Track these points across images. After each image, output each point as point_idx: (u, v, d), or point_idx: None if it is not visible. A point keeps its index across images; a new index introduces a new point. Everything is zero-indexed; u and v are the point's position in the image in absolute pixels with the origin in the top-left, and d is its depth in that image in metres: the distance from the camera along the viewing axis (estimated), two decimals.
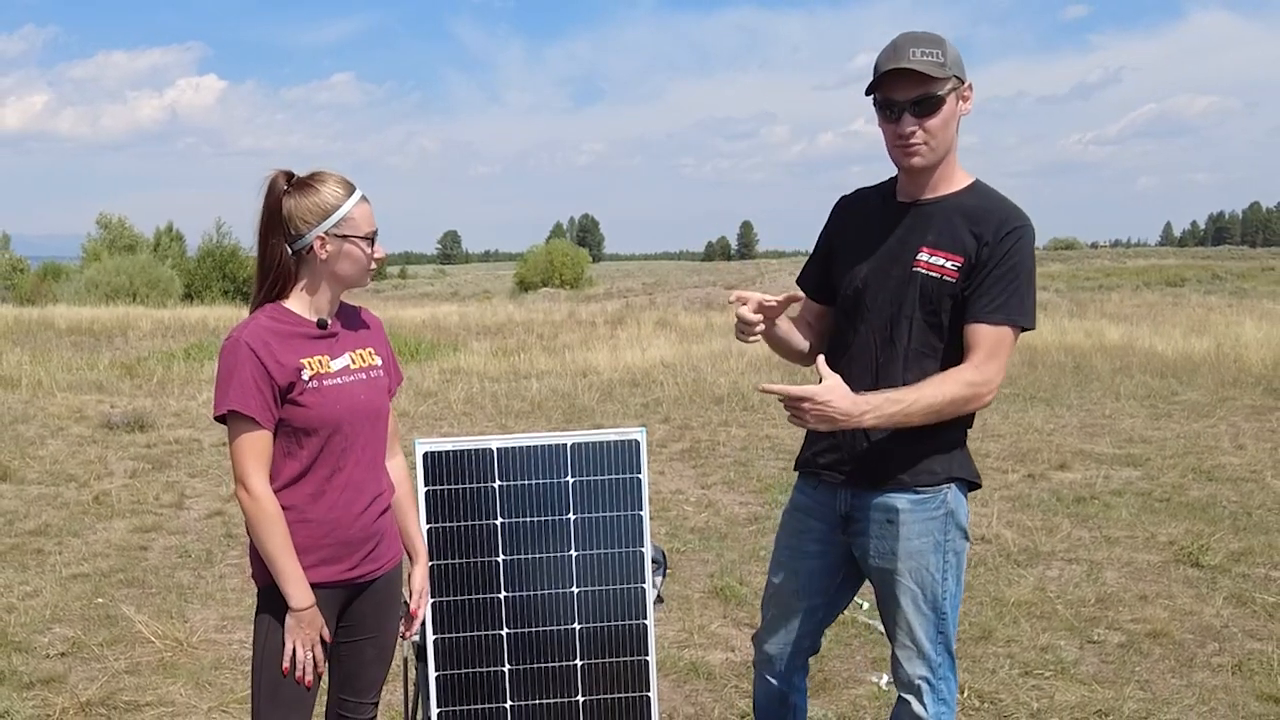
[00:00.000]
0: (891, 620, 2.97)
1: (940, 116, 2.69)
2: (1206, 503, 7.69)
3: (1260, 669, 4.71)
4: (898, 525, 2.84)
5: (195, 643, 5.09)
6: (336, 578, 2.69)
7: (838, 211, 3.08)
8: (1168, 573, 6.12)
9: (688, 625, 5.35)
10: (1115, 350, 16.70)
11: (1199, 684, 4.60)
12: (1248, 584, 5.88)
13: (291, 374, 2.58)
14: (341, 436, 2.66)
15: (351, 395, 2.67)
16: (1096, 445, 9.89)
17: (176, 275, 47.84)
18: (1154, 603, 5.60)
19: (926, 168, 2.77)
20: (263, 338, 2.57)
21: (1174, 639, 5.10)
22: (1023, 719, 4.28)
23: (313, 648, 2.65)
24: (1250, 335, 18.24)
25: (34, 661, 4.84)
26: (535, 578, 3.14)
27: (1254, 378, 13.91)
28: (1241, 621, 5.33)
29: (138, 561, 6.40)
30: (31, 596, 5.72)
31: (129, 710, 4.38)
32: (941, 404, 2.70)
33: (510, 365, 16.44)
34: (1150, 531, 6.96)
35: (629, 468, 3.18)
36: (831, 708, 4.34)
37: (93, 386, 13.85)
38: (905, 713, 2.99)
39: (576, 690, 3.18)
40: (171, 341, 20.59)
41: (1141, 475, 8.65)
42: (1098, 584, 5.91)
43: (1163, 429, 10.69)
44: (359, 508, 2.70)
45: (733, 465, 9.19)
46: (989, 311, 2.73)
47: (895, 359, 2.81)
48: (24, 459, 9.16)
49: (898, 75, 2.66)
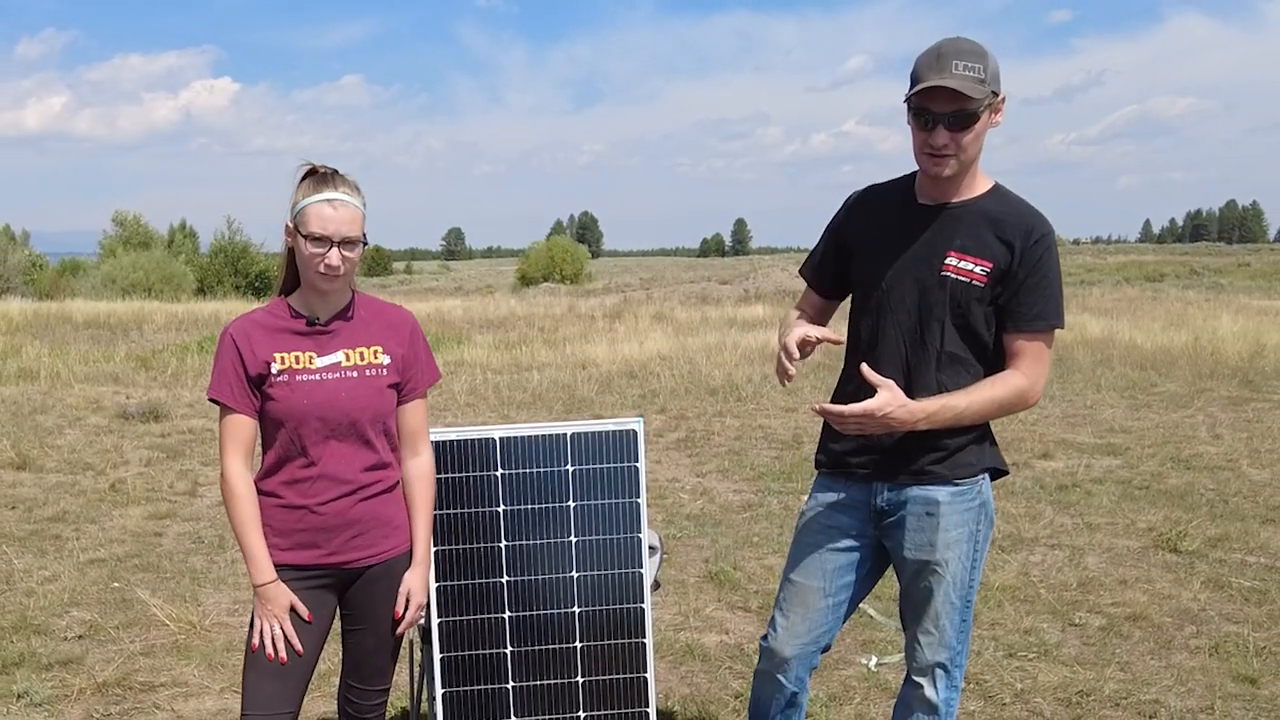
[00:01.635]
0: (917, 608, 2.92)
1: (974, 131, 2.64)
2: (1184, 490, 7.70)
3: (1236, 651, 4.71)
4: (938, 517, 2.81)
5: (208, 626, 5.08)
6: (314, 561, 2.70)
7: (853, 208, 3.00)
8: (1147, 558, 6.12)
9: (683, 609, 5.35)
10: (1096, 343, 16.69)
11: (1177, 665, 4.61)
12: (1224, 569, 5.88)
13: (261, 366, 2.64)
14: (312, 430, 2.65)
15: (329, 391, 2.66)
16: (1078, 435, 9.90)
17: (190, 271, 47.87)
18: (1134, 587, 5.61)
19: (953, 177, 2.73)
20: (246, 330, 2.67)
21: (1153, 622, 5.10)
22: (1007, 699, 4.28)
23: (280, 624, 2.66)
24: (1227, 329, 18.25)
25: (52, 643, 4.84)
26: (536, 563, 3.14)
27: (1230, 370, 13.92)
28: (1218, 605, 5.34)
29: (152, 547, 6.40)
30: (50, 581, 5.71)
31: (144, 690, 4.38)
32: (993, 409, 2.74)
33: (512, 358, 16.43)
34: (1130, 518, 6.97)
35: (627, 457, 3.17)
36: (822, 688, 4.34)
37: (109, 378, 13.84)
38: (916, 697, 2.96)
39: (576, 671, 3.17)
40: (185, 335, 20.56)
41: (1122, 464, 8.65)
42: (1079, 569, 5.92)
43: (1142, 419, 10.69)
44: (332, 496, 2.69)
45: (727, 454, 9.18)
46: (1030, 320, 2.73)
47: (928, 361, 2.78)
48: (43, 448, 9.15)
49: (937, 89, 2.58)
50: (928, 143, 2.66)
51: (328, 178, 2.64)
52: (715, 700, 4.30)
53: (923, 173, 2.77)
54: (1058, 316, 2.75)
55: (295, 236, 2.63)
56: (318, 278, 2.62)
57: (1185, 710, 4.16)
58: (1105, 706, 4.21)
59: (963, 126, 2.62)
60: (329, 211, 2.58)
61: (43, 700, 4.25)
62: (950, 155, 2.65)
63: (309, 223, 2.58)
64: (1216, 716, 4.11)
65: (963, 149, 2.65)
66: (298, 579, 2.69)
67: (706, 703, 4.27)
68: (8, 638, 4.87)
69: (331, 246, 2.58)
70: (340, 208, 2.60)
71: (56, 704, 4.24)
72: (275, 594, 2.65)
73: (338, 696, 2.96)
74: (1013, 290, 2.72)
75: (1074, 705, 4.22)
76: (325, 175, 2.65)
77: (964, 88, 2.55)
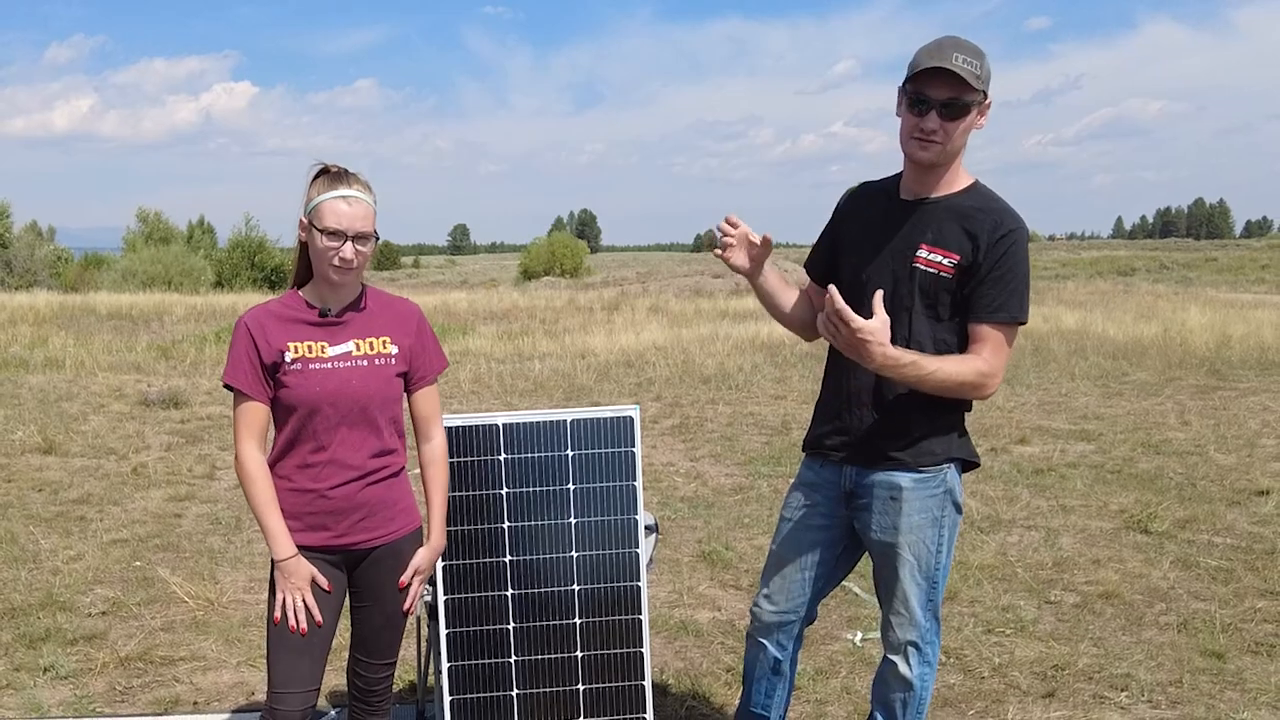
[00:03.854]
0: (887, 588, 2.94)
1: (963, 123, 2.65)
2: (1154, 474, 7.70)
3: (1204, 627, 4.72)
4: (901, 502, 2.82)
5: (225, 603, 5.08)
6: (324, 542, 2.70)
7: (845, 204, 3.02)
8: (1119, 539, 6.12)
9: (677, 587, 5.35)
10: (1071, 334, 16.69)
11: (1147, 641, 4.61)
12: (1192, 549, 5.88)
13: (275, 355, 2.63)
14: (323, 417, 2.64)
15: (340, 380, 2.65)
16: (1053, 421, 9.90)
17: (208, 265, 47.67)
18: (1106, 566, 5.61)
19: (934, 165, 2.72)
20: (261, 320, 2.65)
21: (1124, 599, 5.10)
22: (985, 673, 4.28)
23: (302, 596, 2.65)
24: (1195, 320, 18.26)
25: (77, 620, 4.83)
26: (538, 543, 3.13)
27: (1198, 359, 13.92)
28: (1187, 584, 5.34)
29: (172, 528, 6.39)
30: (75, 560, 5.70)
31: (164, 664, 4.37)
32: (955, 383, 2.69)
33: (515, 348, 16.41)
34: (1103, 501, 6.97)
35: (624, 442, 3.16)
36: (810, 662, 4.34)
37: (131, 367, 13.81)
38: (891, 672, 2.99)
39: (575, 646, 3.17)
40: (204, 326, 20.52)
41: (1095, 449, 8.65)
42: (1054, 549, 5.92)
43: (1114, 406, 10.69)
44: (340, 481, 2.68)
45: (719, 440, 9.17)
46: (991, 311, 2.72)
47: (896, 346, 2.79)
48: (68, 434, 9.13)
49: (937, 73, 2.60)
50: (918, 126, 2.66)
51: (342, 176, 2.63)
52: (708, 673, 4.30)
53: (907, 158, 2.78)
54: (1020, 311, 2.73)
55: (310, 231, 2.62)
56: (332, 270, 2.61)
57: (1155, 683, 4.16)
58: (1079, 680, 4.21)
59: (954, 116, 2.63)
60: (344, 208, 2.59)
61: (68, 673, 4.25)
62: (937, 142, 2.66)
63: (324, 218, 2.58)
64: (1185, 689, 4.11)
65: (949, 138, 2.65)
66: (309, 559, 2.69)
67: (699, 676, 4.27)
68: (35, 614, 4.86)
69: (345, 241, 2.58)
70: (354, 204, 2.60)
71: (81, 677, 4.24)
72: (297, 567, 2.64)
73: (347, 669, 2.95)
74: (976, 282, 2.72)
75: (1049, 679, 4.22)
76: (339, 173, 2.64)
77: (963, 74, 2.58)
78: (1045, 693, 4.10)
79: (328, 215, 2.58)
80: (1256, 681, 4.17)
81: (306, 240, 2.65)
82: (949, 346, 2.78)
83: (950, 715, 3.93)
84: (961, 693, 4.10)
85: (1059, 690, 4.12)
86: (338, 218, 2.58)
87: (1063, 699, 4.05)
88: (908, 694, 3.00)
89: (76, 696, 4.06)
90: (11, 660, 4.36)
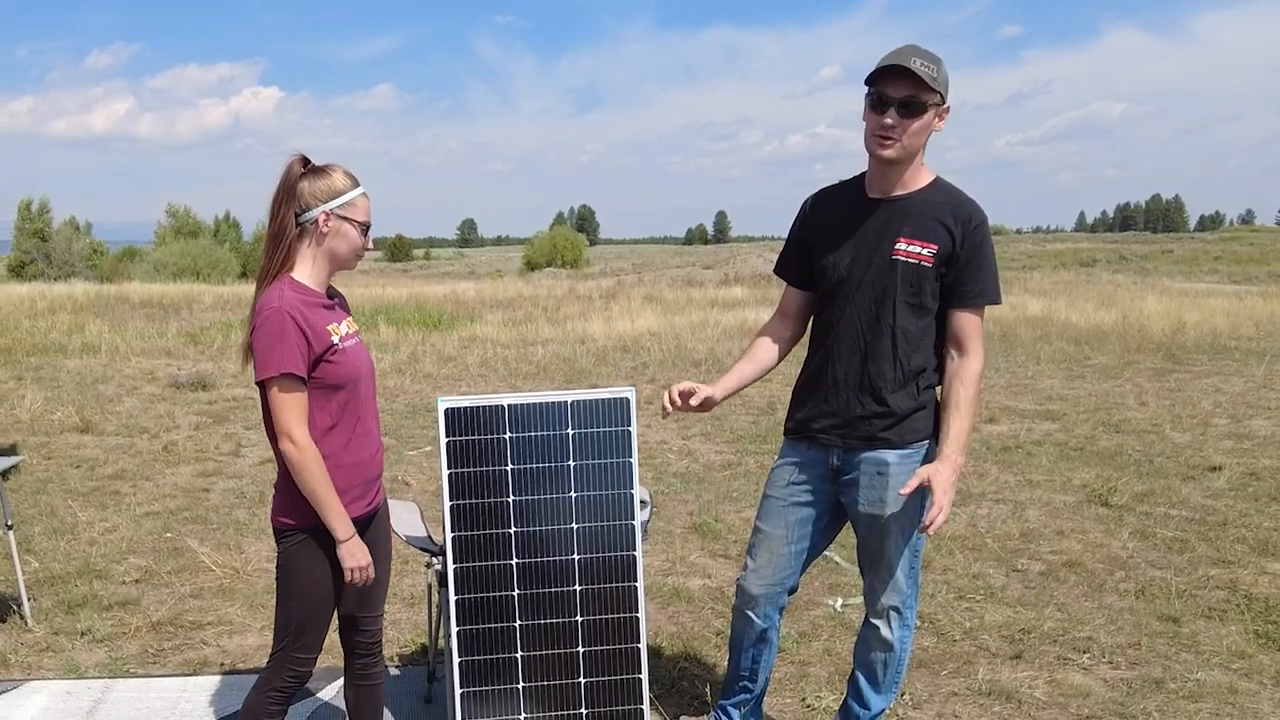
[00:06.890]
0: (872, 557, 2.94)
1: (920, 121, 2.64)
2: (1114, 451, 7.70)
3: (1160, 594, 4.72)
4: (887, 477, 2.82)
5: (250, 571, 5.06)
6: (361, 512, 2.68)
7: (809, 208, 2.99)
8: (1081, 511, 6.12)
9: (670, 556, 5.35)
10: (1036, 321, 16.68)
11: (1108, 606, 4.61)
12: (1150, 521, 5.89)
13: (325, 338, 2.54)
14: (364, 389, 2.65)
15: (361, 355, 2.66)
16: (1020, 402, 9.89)
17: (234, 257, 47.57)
18: (1069, 537, 5.61)
19: (894, 162, 2.71)
20: (299, 309, 2.50)
21: (1086, 568, 5.10)
22: (957, 636, 4.28)
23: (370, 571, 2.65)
24: (1152, 308, 18.28)
25: (112, 587, 4.82)
26: (541, 515, 3.12)
27: (1155, 344, 13.93)
28: (1145, 553, 5.34)
29: (201, 501, 6.37)
30: (110, 532, 5.69)
31: (193, 629, 4.36)
32: (977, 405, 2.80)
33: (519, 334, 16.37)
34: (1066, 476, 6.97)
35: (620, 421, 3.15)
36: (793, 627, 4.34)
37: (162, 352, 13.76)
38: (874, 635, 3.00)
39: (576, 611, 3.16)
40: (230, 314, 20.43)
41: (1059, 428, 8.65)
42: (1021, 521, 5.92)
43: (1077, 388, 10.69)
44: (374, 449, 2.70)
45: (709, 419, 9.16)
46: (974, 296, 2.75)
47: (882, 335, 2.78)
48: (104, 414, 9.10)
49: (896, 73, 2.61)
50: (880, 123, 2.66)
51: (350, 173, 2.60)
52: (699, 637, 4.30)
53: (871, 156, 2.77)
54: (997, 294, 2.79)
55: (338, 222, 2.55)
56: (355, 257, 2.62)
57: (1115, 646, 4.16)
58: (1044, 643, 4.22)
59: (912, 114, 2.63)
60: (368, 201, 2.60)
61: (104, 637, 4.24)
62: (895, 139, 2.65)
63: (359, 211, 2.57)
64: (1143, 651, 4.11)
65: (908, 135, 2.65)
66: None
67: (691, 639, 4.27)
68: (73, 581, 4.85)
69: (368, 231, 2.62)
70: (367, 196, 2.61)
71: (116, 640, 4.23)
72: (360, 546, 2.61)
73: (341, 633, 2.93)
74: (956, 270, 2.74)
75: (1016, 641, 4.22)
76: (348, 171, 2.60)
77: (920, 74, 2.59)
78: (1013, 654, 4.10)
79: (361, 209, 2.58)
80: (1209, 644, 4.17)
81: (328, 232, 2.55)
82: (930, 332, 2.79)
83: (925, 675, 3.93)
84: (935, 655, 4.10)
85: (1026, 652, 4.12)
86: (367, 211, 2.60)
87: (1029, 660, 4.05)
88: (888, 655, 3.01)
89: (111, 658, 4.06)
90: (51, 624, 4.35)
